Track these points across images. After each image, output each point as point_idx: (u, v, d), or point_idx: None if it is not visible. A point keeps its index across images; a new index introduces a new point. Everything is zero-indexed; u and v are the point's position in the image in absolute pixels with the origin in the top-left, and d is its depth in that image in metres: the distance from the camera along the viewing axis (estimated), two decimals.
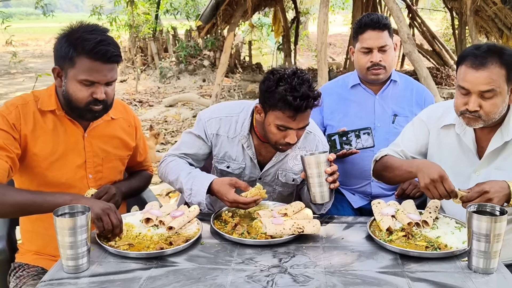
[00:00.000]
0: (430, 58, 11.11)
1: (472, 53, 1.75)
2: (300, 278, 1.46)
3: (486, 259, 1.48)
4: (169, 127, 7.17)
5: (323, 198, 1.87)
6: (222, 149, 2.09)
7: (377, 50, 2.33)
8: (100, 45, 1.71)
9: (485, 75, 1.71)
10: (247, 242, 1.68)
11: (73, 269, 1.48)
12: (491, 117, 1.76)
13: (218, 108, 2.16)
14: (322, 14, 5.93)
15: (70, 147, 1.87)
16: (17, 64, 10.89)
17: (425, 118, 2.04)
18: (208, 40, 11.10)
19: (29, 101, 1.83)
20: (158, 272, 1.50)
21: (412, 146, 2.04)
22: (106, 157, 1.96)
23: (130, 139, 2.07)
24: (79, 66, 1.72)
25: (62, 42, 1.76)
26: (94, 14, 10.35)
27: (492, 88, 1.71)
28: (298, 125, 1.87)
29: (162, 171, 2.12)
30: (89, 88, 1.75)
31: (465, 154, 1.91)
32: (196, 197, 1.92)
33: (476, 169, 1.88)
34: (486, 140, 1.87)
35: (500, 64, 1.71)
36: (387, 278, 1.47)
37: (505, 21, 7.41)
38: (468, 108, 1.75)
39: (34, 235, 1.94)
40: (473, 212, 1.50)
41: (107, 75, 1.76)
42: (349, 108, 2.47)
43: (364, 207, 2.46)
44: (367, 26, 2.34)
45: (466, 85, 1.74)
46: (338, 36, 20.11)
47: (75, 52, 1.72)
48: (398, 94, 2.45)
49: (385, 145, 2.36)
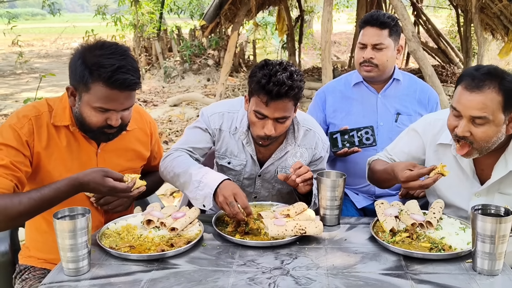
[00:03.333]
0: (435, 56, 11.07)
1: (470, 74, 1.64)
2: (302, 280, 1.45)
3: (491, 261, 1.45)
4: (173, 127, 7.17)
5: (331, 221, 1.85)
6: (224, 145, 2.08)
7: (371, 47, 2.34)
8: (118, 73, 1.61)
9: (479, 100, 1.59)
10: (249, 244, 1.66)
11: (73, 272, 1.47)
12: (483, 146, 1.65)
13: (220, 104, 2.15)
14: (326, 13, 5.91)
15: (83, 164, 1.81)
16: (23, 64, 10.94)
17: (421, 131, 1.96)
18: (212, 39, 11.09)
19: (43, 113, 1.75)
20: (159, 275, 1.48)
21: (404, 157, 1.99)
22: (120, 171, 1.86)
23: (145, 149, 2.02)
24: (95, 92, 1.64)
25: (78, 62, 1.65)
26: (98, 13, 10.38)
27: (484, 115, 1.60)
28: (273, 113, 1.84)
29: (166, 165, 1.99)
30: (104, 114, 1.68)
31: (464, 175, 1.84)
32: (203, 190, 1.81)
33: (477, 193, 1.81)
34: (485, 164, 1.78)
35: (498, 89, 1.59)
36: (390, 280, 1.45)
37: (510, 18, 7.36)
38: (457, 132, 1.66)
39: (41, 245, 1.90)
40: (477, 213, 1.47)
41: (123, 103, 1.68)
42: (351, 106, 2.45)
43: (368, 207, 2.44)
44: (367, 22, 2.37)
45: (458, 107, 1.65)
46: (343, 34, 20.05)
47: (90, 78, 1.62)
48: (401, 93, 2.43)
49: (388, 143, 2.35)
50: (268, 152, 2.06)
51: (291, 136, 2.05)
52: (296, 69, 1.87)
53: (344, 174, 1.86)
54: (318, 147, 2.10)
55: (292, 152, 2.07)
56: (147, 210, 1.83)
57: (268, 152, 2.06)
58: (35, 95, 5.49)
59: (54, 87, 9.93)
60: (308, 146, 2.09)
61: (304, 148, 2.08)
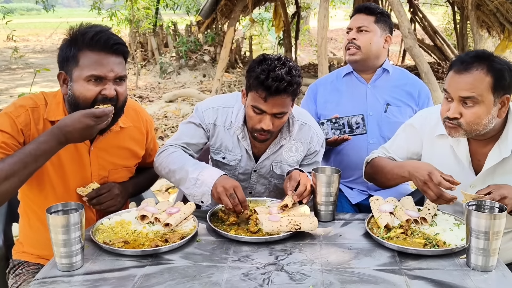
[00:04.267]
0: (432, 53, 11.08)
1: (460, 58, 1.71)
2: (297, 276, 1.45)
3: (485, 257, 1.45)
4: (169, 123, 7.15)
5: (326, 217, 1.85)
6: (218, 140, 2.07)
7: (355, 30, 2.41)
8: (100, 34, 1.65)
9: (467, 81, 1.65)
10: (243, 239, 1.66)
11: (66, 267, 1.46)
12: (472, 128, 1.69)
13: (215, 99, 2.14)
14: (323, 9, 5.91)
15: (76, 160, 1.81)
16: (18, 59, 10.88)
17: (418, 126, 1.98)
18: (208, 35, 11.06)
19: (40, 106, 1.74)
20: (153, 270, 1.48)
21: (403, 153, 2.00)
22: (113, 169, 1.90)
23: (140, 147, 2.00)
24: (83, 62, 1.65)
25: (63, 46, 1.71)
26: (94, 8, 10.32)
27: (472, 95, 1.64)
28: (271, 109, 1.84)
29: (161, 161, 1.99)
30: (97, 85, 1.66)
31: (459, 166, 1.85)
32: (201, 187, 1.81)
33: (472, 184, 1.82)
34: (481, 154, 1.80)
35: (487, 71, 1.64)
36: (384, 276, 1.45)
37: (506, 16, 7.37)
38: (448, 114, 1.70)
39: (35, 242, 1.89)
40: (472, 209, 1.47)
41: (114, 69, 1.67)
42: (341, 97, 2.48)
43: (362, 202, 2.45)
44: (355, 11, 2.49)
45: (449, 89, 1.70)
46: (339, 31, 20.02)
47: (76, 48, 1.66)
48: (391, 84, 2.46)
49: (377, 133, 2.37)
50: (263, 146, 2.06)
51: (286, 131, 2.04)
52: (294, 64, 1.87)
53: (339, 170, 1.86)
54: (313, 141, 2.10)
55: (287, 147, 2.07)
56: (141, 206, 1.83)
57: (263, 146, 2.06)
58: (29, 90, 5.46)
59: (49, 82, 9.87)
60: (303, 140, 2.08)
61: (300, 142, 2.08)
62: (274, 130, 1.92)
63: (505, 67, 1.66)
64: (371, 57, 2.41)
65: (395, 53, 12.70)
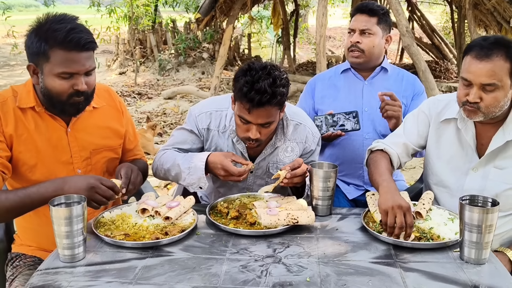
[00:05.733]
0: (429, 51, 11.11)
1: (478, 44, 1.73)
2: (294, 268, 1.48)
3: (478, 250, 1.49)
4: (167, 120, 7.18)
5: (323, 212, 1.88)
6: (213, 144, 2.10)
7: (358, 32, 2.40)
8: (71, 33, 1.64)
9: (488, 67, 1.68)
10: (242, 233, 1.69)
11: (69, 258, 1.50)
12: (491, 111, 1.74)
13: (208, 102, 2.16)
14: (321, 7, 5.92)
15: (54, 144, 1.82)
16: (16, 55, 10.88)
17: (426, 111, 2.02)
18: (207, 32, 11.08)
19: (8, 98, 1.77)
20: (154, 262, 1.51)
21: (414, 138, 2.04)
22: (95, 150, 1.91)
23: (120, 125, 2.01)
24: (54, 59, 1.66)
25: (32, 37, 1.68)
26: (93, 5, 10.32)
27: (493, 82, 1.69)
28: (256, 119, 1.84)
29: (156, 165, 2.07)
30: (69, 81, 1.69)
31: (463, 150, 1.90)
32: (194, 174, 1.90)
33: (474, 167, 1.87)
34: (486, 138, 1.85)
35: (506, 57, 1.69)
36: (380, 268, 1.49)
37: (504, 15, 7.41)
38: (469, 99, 1.73)
39: (29, 231, 1.94)
40: (465, 203, 1.51)
41: (85, 64, 1.70)
42: (338, 93, 2.51)
43: (359, 198, 2.49)
44: (357, 10, 2.45)
45: (469, 76, 1.73)
46: (338, 29, 20.04)
47: (47, 45, 1.64)
48: (388, 82, 2.49)
49: (372, 129, 2.40)
50: (258, 148, 2.08)
51: (280, 132, 2.06)
52: (280, 73, 1.85)
53: (336, 166, 1.89)
54: (308, 141, 2.12)
55: (283, 147, 2.09)
56: (142, 199, 1.86)
57: (258, 148, 2.08)
58: None
59: None
60: (298, 140, 2.11)
61: (295, 142, 2.10)
62: (263, 138, 1.94)
63: None
64: (373, 59, 2.44)
65: (393, 51, 12.73)
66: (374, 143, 2.08)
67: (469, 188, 1.84)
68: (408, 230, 1.62)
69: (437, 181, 1.98)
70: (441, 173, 1.96)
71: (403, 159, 2.04)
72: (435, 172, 1.98)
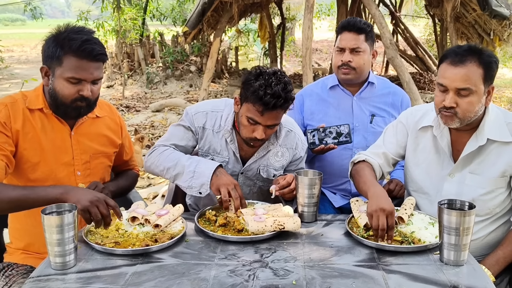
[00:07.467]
0: (414, 63, 11.31)
1: (453, 51, 1.81)
2: (281, 272, 1.52)
3: (457, 252, 1.55)
4: (156, 132, 7.20)
5: (309, 218, 1.94)
6: (207, 142, 2.16)
7: (349, 51, 2.43)
8: (86, 43, 1.78)
9: (463, 72, 1.76)
10: (230, 239, 1.73)
11: (60, 266, 1.52)
12: (466, 116, 1.80)
13: (204, 103, 2.24)
14: (307, 20, 6.03)
15: (57, 145, 1.92)
16: (2, 70, 10.83)
17: (404, 121, 2.10)
18: (194, 45, 11.16)
19: (18, 99, 1.88)
20: (144, 268, 1.55)
21: (393, 148, 2.11)
22: (94, 154, 2.02)
23: (116, 136, 2.13)
24: (66, 64, 1.79)
25: (49, 42, 1.82)
26: (81, 19, 10.37)
27: (468, 87, 1.76)
28: (266, 121, 1.94)
29: (153, 160, 2.11)
30: (76, 86, 1.81)
31: (440, 157, 1.97)
32: (199, 179, 1.96)
33: (450, 172, 1.94)
34: (461, 144, 1.92)
35: (479, 63, 1.76)
36: (363, 270, 1.54)
37: (484, 27, 7.59)
38: (445, 104, 1.80)
39: (22, 233, 1.98)
40: (444, 207, 1.57)
41: (93, 73, 1.82)
42: (328, 108, 2.55)
43: (345, 206, 2.53)
44: (344, 28, 2.47)
45: (444, 82, 1.80)
46: (324, 42, 20.31)
47: (62, 51, 1.78)
48: (375, 96, 2.54)
49: (363, 144, 2.44)
50: (250, 150, 2.15)
51: (273, 136, 2.14)
52: (287, 79, 1.96)
53: (321, 173, 1.95)
54: (298, 148, 2.20)
55: (274, 151, 2.16)
56: (132, 208, 1.90)
57: (250, 150, 2.15)
58: None
59: None
60: (289, 146, 2.18)
61: (285, 148, 2.17)
62: (267, 139, 2.06)
63: (493, 59, 1.79)
64: (363, 75, 2.49)
65: (379, 63, 12.93)
66: (356, 155, 2.15)
67: (446, 193, 1.91)
68: (389, 232, 1.68)
69: (417, 188, 2.05)
70: (419, 180, 2.03)
71: (385, 168, 2.11)
72: (414, 179, 2.05)
